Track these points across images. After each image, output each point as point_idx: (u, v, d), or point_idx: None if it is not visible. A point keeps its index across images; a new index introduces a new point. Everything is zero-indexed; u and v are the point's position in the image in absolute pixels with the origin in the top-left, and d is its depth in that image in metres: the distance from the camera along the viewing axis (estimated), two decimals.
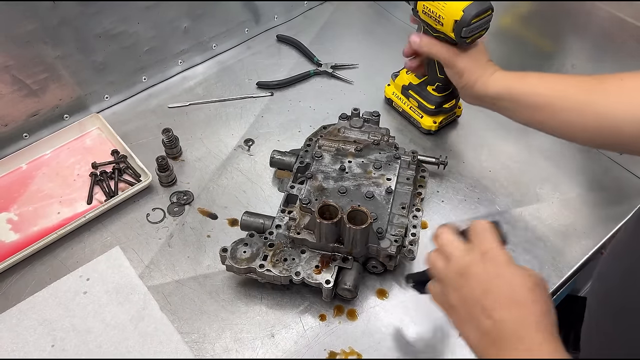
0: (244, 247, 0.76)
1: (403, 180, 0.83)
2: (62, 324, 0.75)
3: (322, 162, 0.85)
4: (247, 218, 0.81)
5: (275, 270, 0.74)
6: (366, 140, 0.89)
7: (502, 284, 0.53)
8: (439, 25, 0.79)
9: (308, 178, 0.83)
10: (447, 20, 0.77)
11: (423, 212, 0.84)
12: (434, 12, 0.79)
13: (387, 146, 0.88)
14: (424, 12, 0.81)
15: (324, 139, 0.89)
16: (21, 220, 0.87)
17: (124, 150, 0.94)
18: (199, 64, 1.14)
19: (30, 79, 0.91)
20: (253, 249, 0.76)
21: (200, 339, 0.75)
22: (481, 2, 0.76)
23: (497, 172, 0.96)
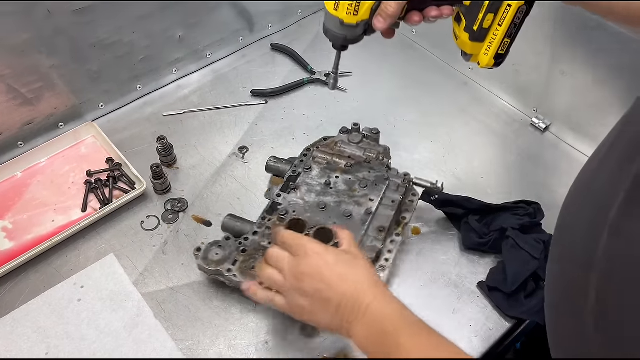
0: (217, 249, 0.77)
1: (387, 203, 0.81)
2: (56, 332, 0.75)
3: (310, 174, 0.85)
4: (228, 220, 0.82)
5: (242, 276, 0.74)
6: (360, 157, 0.88)
7: (329, 268, 0.61)
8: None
9: (292, 189, 0.83)
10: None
11: (403, 237, 0.81)
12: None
13: (378, 165, 0.86)
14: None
15: (319, 151, 0.88)
16: (16, 228, 0.87)
17: (118, 158, 0.95)
18: (193, 73, 1.15)
19: (25, 88, 0.92)
20: (226, 252, 0.77)
21: (195, 345, 0.75)
22: None
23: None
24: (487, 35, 0.66)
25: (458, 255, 0.86)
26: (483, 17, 0.64)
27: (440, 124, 1.07)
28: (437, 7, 0.65)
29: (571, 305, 0.54)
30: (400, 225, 0.82)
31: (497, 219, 0.86)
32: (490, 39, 0.66)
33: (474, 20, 0.65)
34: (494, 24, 0.65)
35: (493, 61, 0.68)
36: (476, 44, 0.67)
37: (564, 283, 0.57)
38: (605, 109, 0.94)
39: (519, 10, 0.63)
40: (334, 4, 0.65)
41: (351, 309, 0.59)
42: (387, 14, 0.64)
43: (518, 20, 0.64)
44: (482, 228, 0.85)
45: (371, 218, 0.79)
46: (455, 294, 0.81)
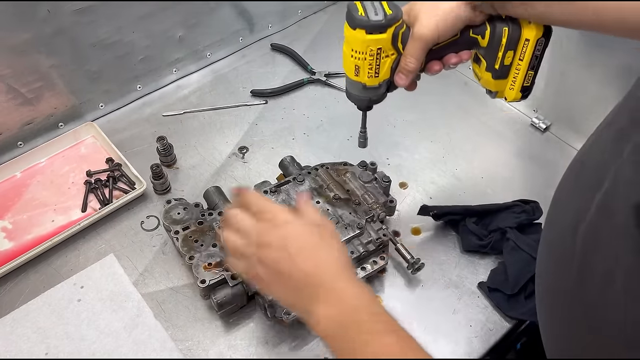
0: (182, 210, 0.80)
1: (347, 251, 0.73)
2: (56, 332, 0.75)
3: (298, 187, 0.84)
4: (212, 190, 0.86)
5: (181, 243, 0.77)
6: (356, 195, 0.83)
7: (295, 242, 0.57)
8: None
9: (273, 192, 0.83)
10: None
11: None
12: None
13: (362, 211, 0.80)
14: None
15: (325, 172, 0.86)
16: (15, 228, 0.87)
17: (118, 158, 0.95)
18: (193, 73, 1.14)
19: (25, 88, 0.91)
20: (186, 216, 0.80)
21: (194, 346, 0.75)
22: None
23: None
24: (509, 71, 0.66)
25: (458, 256, 0.86)
26: (503, 55, 0.64)
27: (440, 124, 1.07)
28: (455, 54, 0.65)
29: (560, 302, 0.54)
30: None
31: (495, 219, 0.86)
32: (514, 74, 0.66)
33: (494, 59, 0.65)
34: (515, 60, 0.65)
35: (520, 94, 0.68)
36: (500, 81, 0.67)
37: (552, 278, 0.56)
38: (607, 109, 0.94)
39: (538, 42, 0.63)
40: (354, 69, 0.65)
41: (311, 289, 0.55)
42: (408, 70, 0.65)
43: (539, 52, 0.64)
44: (480, 230, 0.85)
45: None
46: (455, 295, 0.81)
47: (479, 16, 0.63)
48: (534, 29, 0.62)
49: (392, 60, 0.65)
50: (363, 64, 0.64)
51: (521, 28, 0.63)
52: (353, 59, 0.64)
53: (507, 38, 0.63)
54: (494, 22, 0.63)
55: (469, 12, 0.62)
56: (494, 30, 0.63)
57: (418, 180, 0.97)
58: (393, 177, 0.93)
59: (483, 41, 0.64)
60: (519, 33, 0.63)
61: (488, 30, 0.63)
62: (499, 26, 0.63)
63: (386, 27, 0.62)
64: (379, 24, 0.61)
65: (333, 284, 0.55)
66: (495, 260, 0.85)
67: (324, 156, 0.97)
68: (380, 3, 0.62)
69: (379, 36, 0.62)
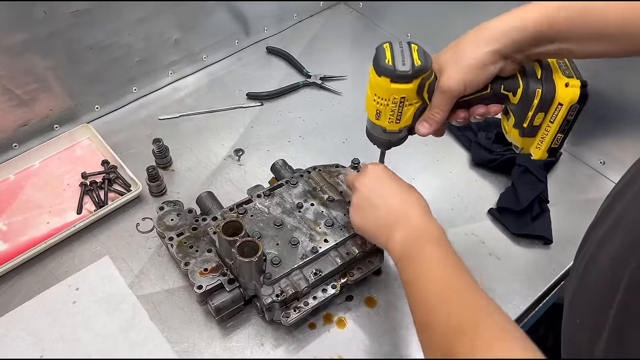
0: (175, 216, 0.80)
1: (342, 252, 0.76)
2: (51, 334, 0.75)
3: (291, 189, 0.84)
4: (204, 196, 0.86)
5: (177, 249, 0.76)
6: (350, 196, 0.79)
7: (382, 186, 0.69)
8: None
9: (266, 195, 0.83)
10: None
11: (339, 291, 0.76)
12: None
13: None
14: None
15: (318, 174, 0.86)
16: (10, 230, 0.87)
17: (114, 160, 0.95)
18: (189, 75, 1.15)
19: (20, 89, 0.91)
20: (180, 222, 0.80)
21: (190, 348, 0.75)
22: None
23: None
24: (538, 132, 0.64)
25: None
26: (533, 116, 0.62)
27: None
28: (485, 106, 0.64)
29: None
30: (345, 278, 0.77)
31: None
32: (542, 135, 0.64)
33: (523, 118, 0.63)
34: (544, 122, 0.62)
35: (546, 154, 0.66)
36: (527, 139, 0.65)
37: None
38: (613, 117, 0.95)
39: (571, 108, 0.60)
40: (375, 113, 0.65)
41: (394, 220, 0.64)
42: (435, 120, 0.64)
43: (571, 117, 0.61)
44: (491, 144, 0.95)
45: (312, 257, 0.75)
46: None
47: (510, 65, 0.60)
48: (569, 93, 0.59)
49: (415, 108, 0.64)
50: (385, 109, 0.63)
51: (555, 91, 0.60)
52: (375, 103, 0.63)
53: (539, 100, 0.60)
54: (528, 81, 0.61)
55: (500, 62, 0.60)
56: (527, 90, 0.61)
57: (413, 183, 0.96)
58: None
59: (514, 98, 0.62)
60: (553, 96, 0.60)
61: (520, 88, 0.61)
62: (532, 86, 0.60)
63: (412, 78, 0.60)
64: (405, 75, 0.59)
65: (415, 216, 0.64)
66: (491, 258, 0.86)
67: (319, 159, 0.98)
68: (410, 50, 0.61)
69: (404, 86, 0.60)
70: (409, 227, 0.64)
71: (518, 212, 0.88)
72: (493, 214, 0.92)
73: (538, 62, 0.62)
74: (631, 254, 0.46)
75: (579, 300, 0.56)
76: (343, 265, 0.76)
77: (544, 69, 0.61)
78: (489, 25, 0.60)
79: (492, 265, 0.86)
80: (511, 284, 0.83)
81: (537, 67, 0.62)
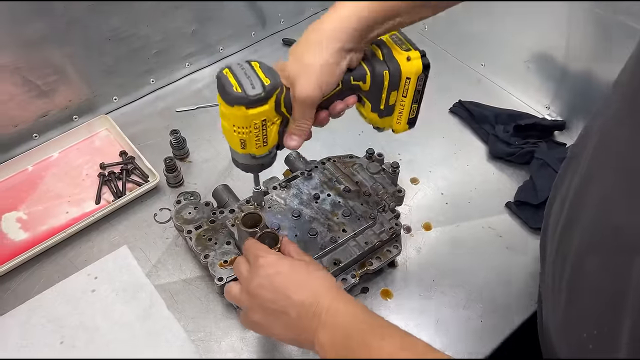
0: (193, 209, 0.80)
1: (360, 242, 0.77)
2: (71, 322, 0.76)
3: (308, 181, 0.84)
4: (221, 189, 0.86)
5: (196, 242, 0.77)
6: (366, 187, 0.83)
7: (283, 278, 0.59)
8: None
9: (283, 187, 0.83)
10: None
11: (358, 280, 0.76)
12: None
13: (373, 202, 0.81)
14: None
15: (333, 164, 0.86)
16: (30, 219, 0.88)
17: (132, 151, 0.95)
18: (206, 67, 1.15)
19: (40, 81, 0.92)
20: (198, 215, 0.80)
21: (207, 337, 0.76)
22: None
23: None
24: (394, 108, 0.65)
25: (469, 251, 0.86)
26: (387, 97, 0.63)
27: (452, 120, 1.07)
28: (341, 100, 0.62)
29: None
30: (364, 268, 0.77)
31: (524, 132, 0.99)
32: (399, 110, 0.65)
33: (378, 101, 0.63)
34: (398, 98, 0.64)
35: (407, 126, 0.68)
36: (386, 118, 0.66)
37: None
38: None
39: (419, 79, 0.62)
40: (240, 144, 0.59)
41: (311, 317, 0.56)
42: (303, 130, 0.61)
43: (420, 87, 0.63)
44: (509, 137, 0.97)
45: (331, 247, 0.75)
46: (464, 292, 0.82)
47: (355, 56, 0.59)
48: (413, 65, 0.61)
49: (277, 126, 0.59)
50: (249, 137, 0.58)
51: (400, 67, 0.61)
52: (237, 134, 0.58)
53: (388, 80, 0.61)
54: (373, 65, 0.61)
55: (346, 57, 0.58)
56: (374, 74, 0.61)
57: (430, 176, 0.97)
58: (405, 172, 0.94)
59: (365, 85, 0.61)
60: (399, 72, 0.61)
61: (368, 74, 0.61)
62: (378, 69, 0.61)
63: (267, 99, 0.55)
64: (260, 97, 0.54)
65: (329, 304, 0.57)
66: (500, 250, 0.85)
67: (334, 150, 0.97)
68: (254, 70, 0.56)
69: (261, 109, 0.55)
70: (331, 325, 0.56)
71: (536, 206, 0.87)
72: (510, 208, 0.91)
73: (374, 44, 0.62)
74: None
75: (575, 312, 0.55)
76: (362, 254, 0.76)
77: (382, 49, 0.61)
78: (323, 27, 0.57)
79: (509, 259, 0.85)
80: (527, 278, 0.83)
81: (375, 49, 0.62)
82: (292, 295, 0.58)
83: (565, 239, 0.57)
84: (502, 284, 0.82)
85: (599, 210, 0.51)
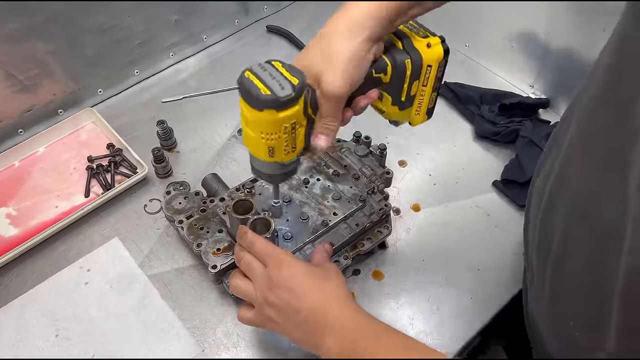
0: (183, 199, 0.81)
1: (351, 224, 0.78)
2: (65, 315, 0.77)
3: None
4: (210, 178, 0.85)
5: (187, 231, 0.77)
6: (354, 170, 0.83)
7: (299, 280, 0.61)
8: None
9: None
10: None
11: (351, 262, 0.78)
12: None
13: (362, 185, 0.81)
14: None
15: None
16: (20, 215, 0.88)
17: (119, 143, 0.95)
18: (190, 57, 1.14)
19: (23, 75, 0.91)
20: (188, 205, 0.80)
21: (202, 324, 0.76)
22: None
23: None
24: (415, 99, 0.63)
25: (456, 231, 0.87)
26: (409, 87, 0.61)
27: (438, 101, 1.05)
28: (364, 95, 0.59)
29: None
30: (356, 250, 0.78)
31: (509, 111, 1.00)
32: (419, 100, 0.63)
33: (399, 92, 0.61)
34: (419, 88, 0.62)
35: (426, 117, 0.66)
36: (406, 110, 0.64)
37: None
38: None
39: (439, 65, 0.60)
40: (268, 151, 0.56)
41: (319, 322, 0.58)
42: (332, 129, 0.58)
43: (440, 74, 0.61)
44: (495, 117, 0.98)
45: (323, 230, 0.76)
46: (452, 267, 0.83)
47: (379, 47, 0.57)
48: (435, 52, 0.59)
49: (304, 128, 0.57)
50: (278, 143, 0.55)
51: (421, 55, 0.59)
52: (265, 141, 0.54)
53: (411, 70, 0.59)
54: (394, 56, 0.58)
55: (373, 48, 0.56)
56: (396, 65, 0.58)
57: (417, 158, 0.98)
58: (393, 155, 0.95)
59: (386, 77, 0.59)
60: (421, 60, 0.59)
61: (389, 65, 0.58)
62: (399, 59, 0.58)
63: (297, 99, 0.52)
64: (290, 98, 0.51)
65: (337, 312, 0.58)
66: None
67: None
68: (278, 71, 0.53)
69: (292, 110, 0.52)
70: (339, 331, 0.57)
71: (522, 183, 0.89)
72: (498, 186, 0.92)
73: (392, 34, 0.59)
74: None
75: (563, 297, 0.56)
76: (353, 236, 0.78)
77: (401, 39, 0.59)
78: (349, 16, 0.55)
79: (498, 237, 0.87)
80: (516, 256, 0.84)
81: (393, 39, 0.60)
82: (305, 297, 0.60)
83: (547, 225, 0.58)
84: (491, 261, 0.84)
85: (578, 195, 0.51)
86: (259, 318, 0.64)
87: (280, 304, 0.61)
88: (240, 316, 0.67)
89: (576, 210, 0.51)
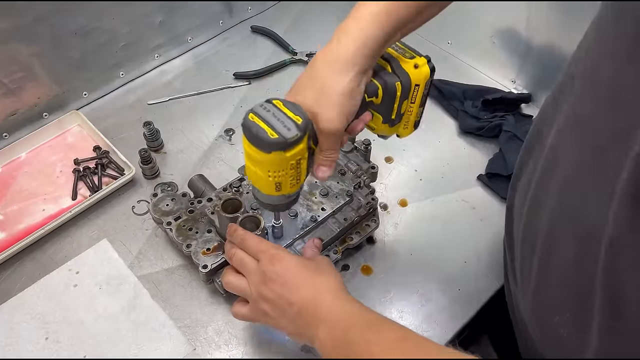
0: (170, 201, 0.81)
1: (339, 219, 0.79)
2: (55, 317, 0.76)
3: None
4: (196, 179, 0.85)
5: (176, 233, 0.77)
6: (340, 166, 0.84)
7: (292, 273, 0.62)
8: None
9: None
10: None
11: (341, 256, 0.79)
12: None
13: (348, 180, 0.82)
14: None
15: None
16: (6, 219, 0.87)
17: (105, 145, 0.95)
18: (175, 58, 1.14)
19: (6, 78, 0.91)
20: (176, 206, 0.80)
21: (193, 323, 0.77)
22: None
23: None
24: (403, 116, 0.66)
25: (443, 224, 0.89)
26: (399, 107, 0.63)
27: None
28: (359, 120, 0.62)
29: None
30: (345, 244, 0.80)
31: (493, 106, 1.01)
32: (407, 116, 0.66)
33: (389, 112, 0.64)
34: (407, 105, 0.64)
35: (413, 129, 0.69)
36: (395, 126, 0.67)
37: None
38: None
39: (426, 84, 0.63)
40: (275, 187, 0.58)
41: (312, 314, 0.59)
42: (332, 160, 0.60)
43: (426, 91, 0.64)
44: (478, 112, 0.99)
45: (313, 226, 0.77)
46: (440, 260, 0.84)
47: (368, 75, 0.59)
48: (422, 72, 0.61)
49: (306, 160, 0.58)
50: (285, 178, 0.57)
51: (409, 76, 0.61)
52: (272, 179, 0.57)
53: (400, 91, 0.61)
54: (384, 79, 0.61)
55: (364, 80, 0.58)
56: (386, 88, 0.61)
57: (403, 155, 0.99)
58: (379, 152, 0.96)
59: (377, 100, 0.61)
60: (409, 82, 0.61)
61: (380, 88, 0.61)
62: (390, 82, 0.60)
63: (303, 138, 0.54)
64: (297, 139, 0.53)
65: (331, 305, 0.59)
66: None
67: None
68: (281, 111, 0.54)
69: (298, 148, 0.54)
70: (331, 322, 0.58)
71: (506, 177, 0.90)
72: (482, 180, 0.94)
73: (380, 58, 0.62)
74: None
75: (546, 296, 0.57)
76: (342, 231, 0.78)
77: (389, 62, 0.61)
78: (339, 55, 0.56)
79: (484, 230, 0.88)
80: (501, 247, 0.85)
81: (382, 62, 0.62)
82: (298, 290, 0.61)
83: (532, 221, 0.58)
84: (478, 253, 0.85)
85: (563, 194, 0.52)
86: (254, 313, 0.65)
87: (274, 297, 0.61)
88: (235, 312, 0.68)
89: (562, 211, 0.52)
